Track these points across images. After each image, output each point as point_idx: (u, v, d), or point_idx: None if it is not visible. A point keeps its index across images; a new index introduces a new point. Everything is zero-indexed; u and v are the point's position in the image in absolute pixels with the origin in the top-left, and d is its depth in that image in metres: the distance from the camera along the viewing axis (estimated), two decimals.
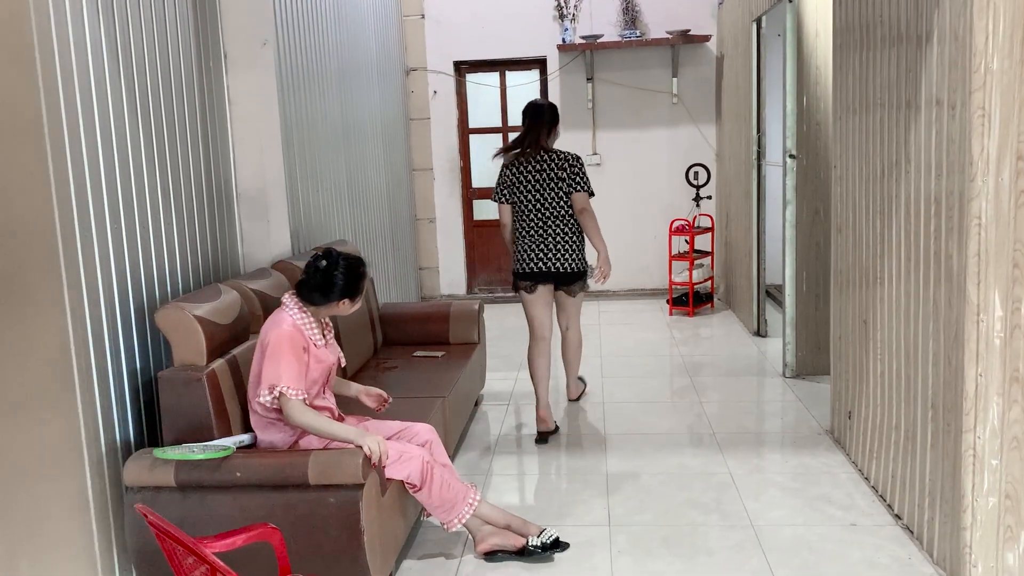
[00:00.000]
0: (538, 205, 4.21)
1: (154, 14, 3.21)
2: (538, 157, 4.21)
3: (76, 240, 2.61)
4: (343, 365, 3.16)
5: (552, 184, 4.18)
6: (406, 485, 2.96)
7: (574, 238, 4.26)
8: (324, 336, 2.99)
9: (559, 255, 4.22)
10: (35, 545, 2.38)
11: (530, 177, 4.21)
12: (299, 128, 4.44)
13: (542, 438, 4.29)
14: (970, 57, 2.53)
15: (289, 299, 2.92)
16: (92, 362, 2.67)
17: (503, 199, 4.31)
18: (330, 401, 3.07)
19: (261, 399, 2.80)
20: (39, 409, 2.42)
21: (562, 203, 4.20)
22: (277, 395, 2.77)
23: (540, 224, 4.22)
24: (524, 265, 4.27)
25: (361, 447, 2.73)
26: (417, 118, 7.79)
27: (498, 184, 4.33)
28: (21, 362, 2.35)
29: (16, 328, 2.33)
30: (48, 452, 2.46)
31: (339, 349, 3.12)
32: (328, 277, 2.86)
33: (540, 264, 4.24)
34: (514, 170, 4.25)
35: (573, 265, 4.25)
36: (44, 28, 2.50)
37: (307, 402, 2.85)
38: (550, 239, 4.22)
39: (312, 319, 2.91)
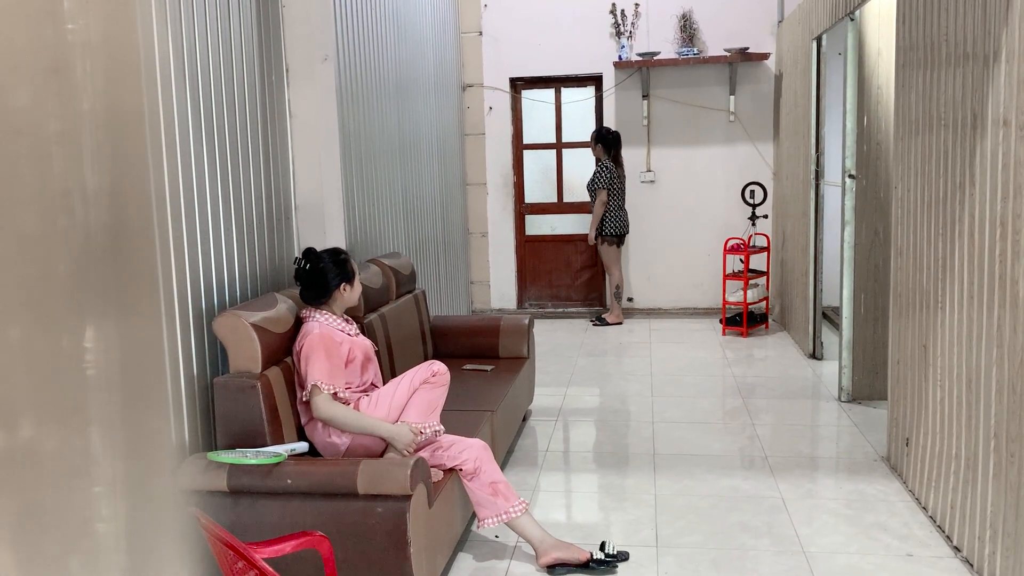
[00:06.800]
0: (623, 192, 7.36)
1: (219, 28, 3.29)
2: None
3: None
4: (376, 349, 3.33)
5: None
6: (459, 473, 3.07)
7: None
8: (352, 329, 3.19)
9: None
10: (88, 543, 2.44)
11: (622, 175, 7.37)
12: (357, 141, 4.51)
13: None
14: None
15: (306, 311, 3.13)
16: None
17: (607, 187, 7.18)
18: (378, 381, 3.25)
19: (301, 400, 3.00)
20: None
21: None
22: (309, 390, 2.91)
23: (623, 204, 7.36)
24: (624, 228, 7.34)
25: (387, 441, 2.93)
26: (472, 133, 7.85)
27: (605, 180, 7.09)
28: (78, 366, 2.41)
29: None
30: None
31: (368, 340, 3.28)
32: (317, 273, 3.09)
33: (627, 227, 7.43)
34: (616, 173, 7.20)
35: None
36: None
37: (359, 388, 3.06)
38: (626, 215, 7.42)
39: (334, 317, 3.11)
